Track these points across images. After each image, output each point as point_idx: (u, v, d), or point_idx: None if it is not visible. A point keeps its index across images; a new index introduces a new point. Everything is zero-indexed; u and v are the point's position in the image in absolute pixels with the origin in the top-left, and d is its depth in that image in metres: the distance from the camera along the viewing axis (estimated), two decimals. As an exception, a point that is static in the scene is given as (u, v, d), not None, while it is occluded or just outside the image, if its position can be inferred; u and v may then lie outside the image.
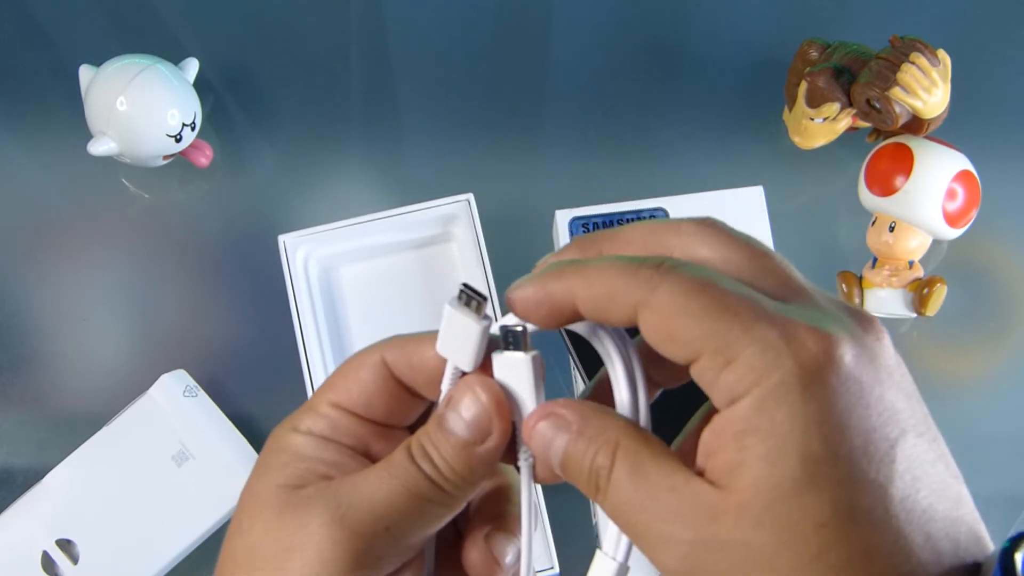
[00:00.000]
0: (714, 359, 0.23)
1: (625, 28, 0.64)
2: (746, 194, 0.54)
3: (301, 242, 0.54)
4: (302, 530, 0.26)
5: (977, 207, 0.55)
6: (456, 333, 0.27)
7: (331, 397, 0.29)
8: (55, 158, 0.62)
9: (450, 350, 0.28)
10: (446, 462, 0.27)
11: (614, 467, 0.24)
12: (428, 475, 0.27)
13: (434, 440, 0.27)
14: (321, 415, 0.29)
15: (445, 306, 0.27)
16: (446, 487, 0.27)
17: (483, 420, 0.27)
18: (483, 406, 0.27)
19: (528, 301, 0.26)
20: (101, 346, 0.59)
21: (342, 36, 0.65)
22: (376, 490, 0.27)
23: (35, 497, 0.52)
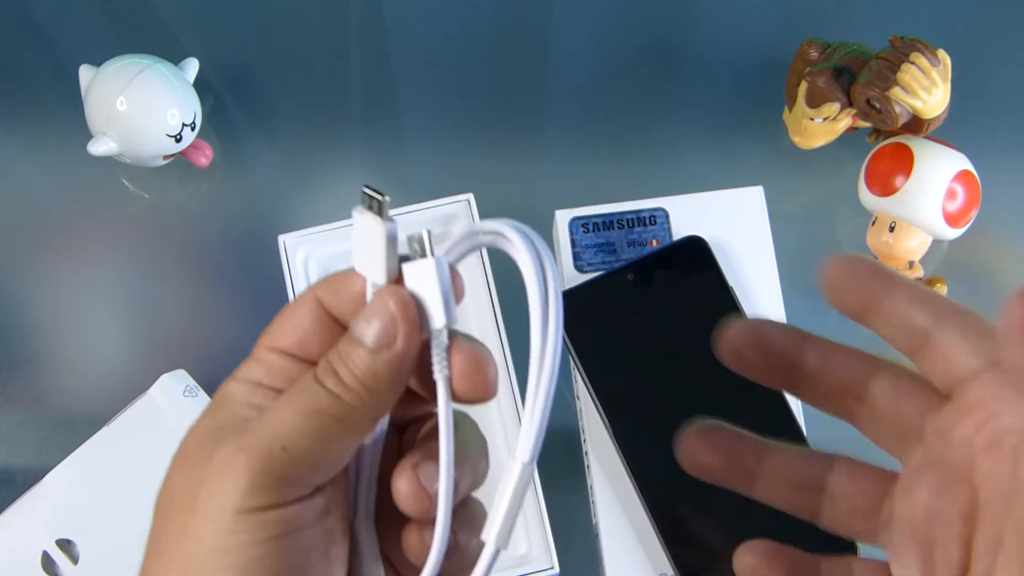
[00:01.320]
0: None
1: (625, 28, 0.64)
2: (746, 194, 0.54)
3: (301, 242, 0.54)
4: (207, 466, 0.26)
5: (977, 207, 0.55)
6: (365, 242, 0.27)
7: (268, 341, 0.29)
8: (55, 158, 0.62)
9: (364, 264, 0.27)
10: (349, 371, 0.27)
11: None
12: (329, 389, 0.27)
13: (340, 353, 0.27)
14: (258, 361, 0.29)
15: (352, 213, 0.27)
16: (346, 397, 0.27)
17: (388, 324, 0.27)
18: (388, 310, 0.27)
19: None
20: (101, 346, 0.59)
21: (342, 36, 0.65)
22: (275, 413, 0.27)
23: (35, 497, 0.52)
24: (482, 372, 0.27)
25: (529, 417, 0.27)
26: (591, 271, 0.53)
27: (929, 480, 0.26)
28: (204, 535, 0.26)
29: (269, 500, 0.26)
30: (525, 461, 0.27)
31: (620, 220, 0.54)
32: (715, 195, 0.54)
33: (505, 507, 0.27)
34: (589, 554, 0.52)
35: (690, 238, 0.53)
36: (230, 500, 0.25)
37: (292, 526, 0.26)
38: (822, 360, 0.28)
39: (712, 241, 0.53)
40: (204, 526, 0.26)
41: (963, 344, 0.26)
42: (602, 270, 0.53)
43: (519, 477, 0.27)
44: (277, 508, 0.26)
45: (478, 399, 0.27)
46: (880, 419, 0.27)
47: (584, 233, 0.54)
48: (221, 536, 0.25)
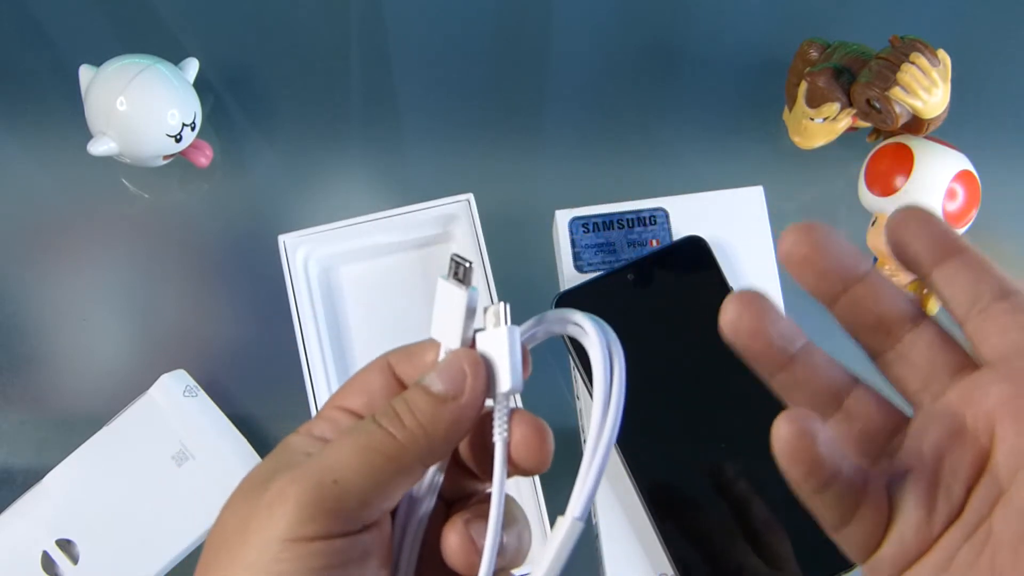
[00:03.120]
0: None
1: (625, 28, 0.64)
2: (746, 194, 0.54)
3: (301, 242, 0.54)
4: (260, 500, 0.27)
5: (977, 207, 0.55)
6: (446, 309, 0.28)
7: (336, 401, 0.30)
8: (55, 158, 0.62)
9: (441, 330, 0.28)
10: (410, 413, 0.27)
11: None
12: (385, 427, 0.27)
13: (405, 397, 0.28)
14: (328, 419, 0.29)
15: (438, 280, 0.28)
16: (400, 436, 0.27)
17: (457, 376, 0.28)
18: (459, 365, 0.28)
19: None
20: (101, 346, 0.59)
21: (342, 36, 0.65)
22: (329, 449, 0.27)
23: (35, 497, 0.52)
24: (542, 441, 0.29)
25: (583, 478, 0.28)
26: (591, 271, 0.53)
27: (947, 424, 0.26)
28: (251, 561, 0.26)
29: (316, 531, 0.26)
30: (576, 516, 0.28)
31: (620, 220, 0.54)
32: (715, 195, 0.54)
33: (551, 558, 0.28)
34: (589, 554, 0.52)
35: (690, 238, 0.53)
36: (279, 529, 0.26)
37: (337, 560, 0.26)
38: (873, 292, 0.28)
39: (712, 241, 0.53)
40: (251, 553, 0.26)
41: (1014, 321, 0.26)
42: (602, 270, 0.53)
43: (567, 532, 0.28)
44: (324, 540, 0.26)
45: (533, 469, 0.29)
46: (910, 363, 0.28)
47: (584, 233, 0.54)
48: (267, 563, 0.26)
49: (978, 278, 0.27)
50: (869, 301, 0.28)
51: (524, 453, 0.29)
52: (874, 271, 0.28)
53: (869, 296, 0.28)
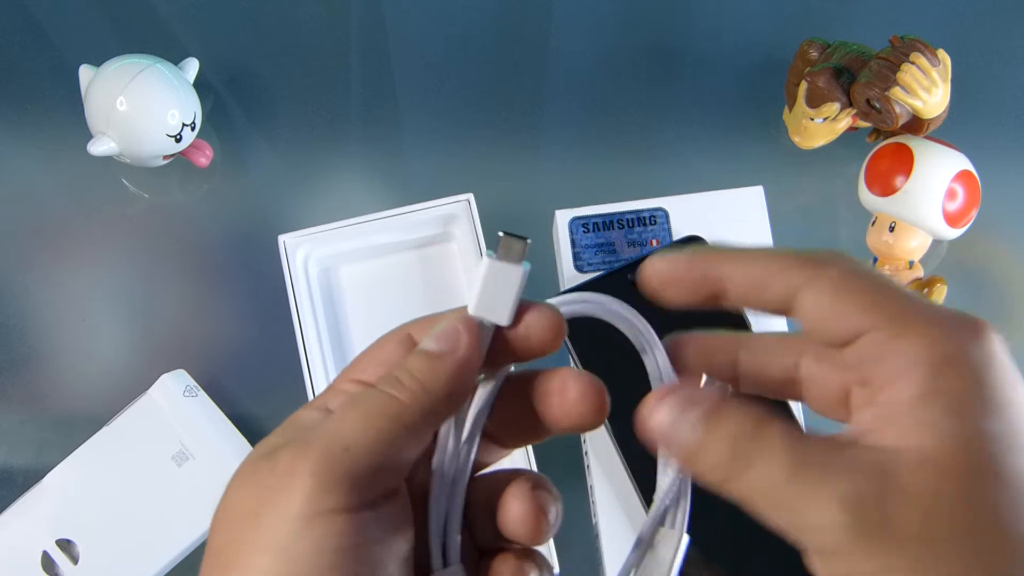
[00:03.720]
0: (886, 330, 0.24)
1: (625, 28, 0.64)
2: (746, 194, 0.54)
3: (301, 242, 0.54)
4: (272, 474, 0.26)
5: (977, 207, 0.55)
6: (495, 287, 0.27)
7: (351, 373, 0.29)
8: (55, 158, 0.62)
9: (487, 307, 0.28)
10: (407, 372, 0.27)
11: (766, 434, 0.24)
12: (386, 390, 0.27)
13: (404, 362, 0.28)
14: (340, 391, 0.28)
15: (483, 260, 0.27)
16: (401, 396, 0.27)
17: (450, 334, 0.27)
18: (452, 323, 0.28)
19: (670, 273, 0.27)
20: (101, 346, 0.59)
21: (342, 36, 0.65)
22: (333, 419, 0.27)
23: (35, 497, 0.52)
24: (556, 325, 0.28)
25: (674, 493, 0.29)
26: (591, 271, 0.53)
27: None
28: (268, 543, 0.25)
29: (335, 503, 0.25)
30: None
31: (620, 220, 0.54)
32: (715, 195, 0.54)
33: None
34: (589, 554, 0.52)
35: (690, 238, 0.53)
36: (295, 505, 0.25)
37: (360, 537, 0.25)
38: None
39: (712, 241, 0.53)
40: (268, 535, 0.25)
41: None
42: (602, 270, 0.53)
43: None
44: (344, 513, 0.25)
45: (588, 425, 0.28)
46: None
47: (584, 233, 0.54)
48: (286, 543, 0.25)
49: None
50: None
51: (580, 407, 0.28)
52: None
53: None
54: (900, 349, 0.24)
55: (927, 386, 0.23)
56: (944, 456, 0.23)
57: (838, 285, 0.25)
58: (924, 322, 0.24)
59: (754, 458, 0.24)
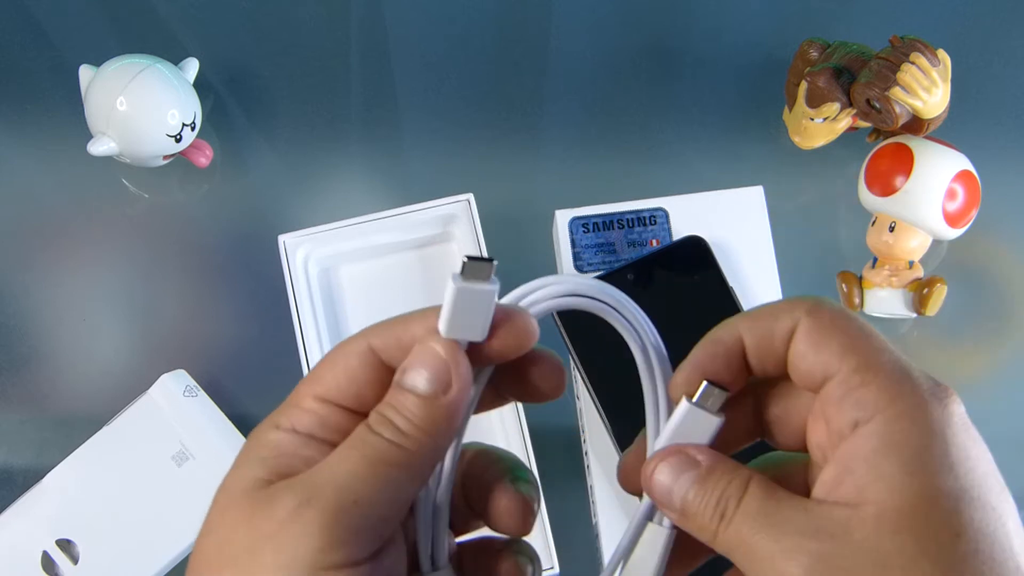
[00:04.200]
0: (851, 377, 0.25)
1: (625, 28, 0.64)
2: (746, 194, 0.54)
3: (301, 242, 0.54)
4: (271, 520, 0.25)
5: (977, 207, 0.55)
6: (467, 307, 0.27)
7: (317, 391, 0.28)
8: (55, 158, 0.62)
9: (460, 328, 0.27)
10: (407, 420, 0.27)
11: (746, 494, 0.26)
12: (388, 439, 0.26)
13: (393, 402, 0.27)
14: (305, 410, 0.28)
15: (449, 284, 0.26)
16: (407, 445, 0.26)
17: (439, 370, 0.27)
18: (435, 355, 0.27)
19: (701, 363, 0.28)
20: (101, 346, 0.59)
21: (342, 36, 0.65)
22: (337, 466, 0.26)
23: (35, 497, 0.52)
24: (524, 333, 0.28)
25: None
26: (591, 271, 0.53)
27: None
28: None
29: (346, 556, 0.25)
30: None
31: (620, 220, 0.54)
32: (715, 195, 0.54)
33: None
34: (589, 554, 0.52)
35: (690, 238, 0.53)
36: (304, 557, 0.25)
37: None
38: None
39: (712, 241, 0.53)
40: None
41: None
42: (602, 270, 0.53)
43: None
44: (353, 567, 0.25)
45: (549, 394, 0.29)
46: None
47: (584, 233, 0.54)
48: None
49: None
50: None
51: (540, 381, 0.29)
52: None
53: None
54: (861, 398, 0.25)
55: (885, 439, 0.24)
56: (899, 513, 0.24)
57: (822, 327, 0.26)
58: (889, 375, 0.25)
59: (732, 516, 0.26)
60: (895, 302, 0.55)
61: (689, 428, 0.28)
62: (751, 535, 0.25)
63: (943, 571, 0.23)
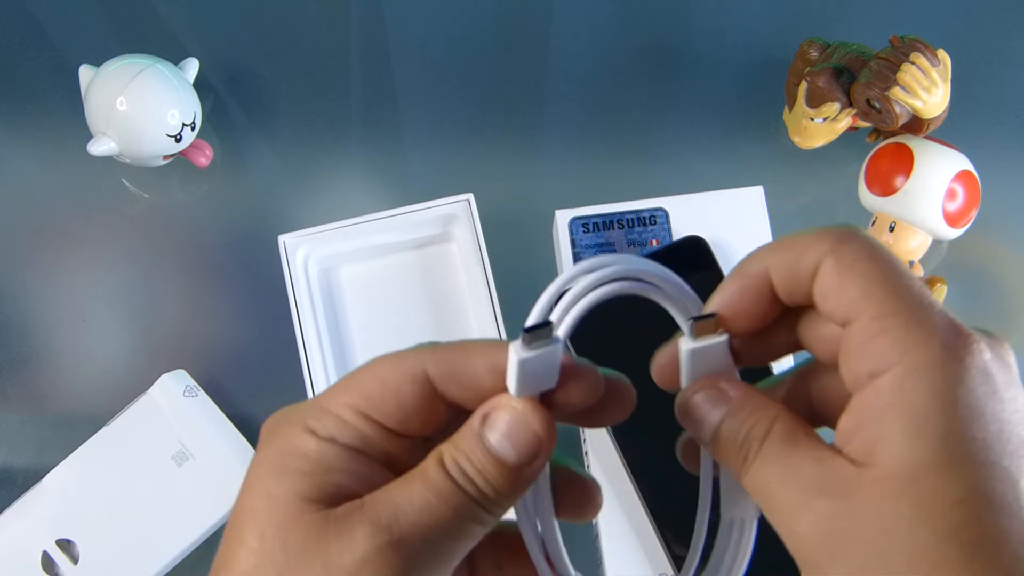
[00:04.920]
0: (870, 324, 0.24)
1: (625, 28, 0.64)
2: (746, 194, 0.54)
3: (301, 242, 0.54)
4: (349, 553, 0.24)
5: (977, 207, 0.55)
6: (536, 369, 0.26)
7: (359, 404, 0.26)
8: (55, 158, 0.62)
9: (529, 387, 0.26)
10: (490, 484, 0.26)
11: (768, 437, 0.26)
12: (471, 495, 0.26)
13: (474, 461, 0.26)
14: (346, 422, 0.26)
15: (512, 355, 0.26)
16: (488, 506, 0.26)
17: (529, 442, 0.26)
18: (528, 426, 0.26)
19: (731, 297, 0.27)
20: (101, 346, 0.59)
21: (342, 36, 0.65)
22: (422, 511, 0.25)
23: (35, 497, 0.52)
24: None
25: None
26: (591, 271, 0.53)
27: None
28: None
29: None
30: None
31: (620, 220, 0.54)
32: (715, 195, 0.54)
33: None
34: (589, 554, 0.52)
35: (690, 238, 0.53)
36: None
37: None
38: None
39: (712, 241, 0.53)
40: None
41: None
42: (602, 270, 0.53)
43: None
44: None
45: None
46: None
47: (584, 233, 0.54)
48: None
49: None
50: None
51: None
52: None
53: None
54: (878, 348, 0.24)
55: (893, 398, 0.24)
56: (901, 479, 0.23)
57: (848, 264, 0.25)
58: (906, 324, 0.24)
59: (753, 460, 0.26)
60: (895, 302, 0.55)
61: (702, 363, 0.28)
62: (767, 482, 0.25)
63: (940, 539, 0.23)
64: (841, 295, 0.25)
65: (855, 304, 0.25)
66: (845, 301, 0.25)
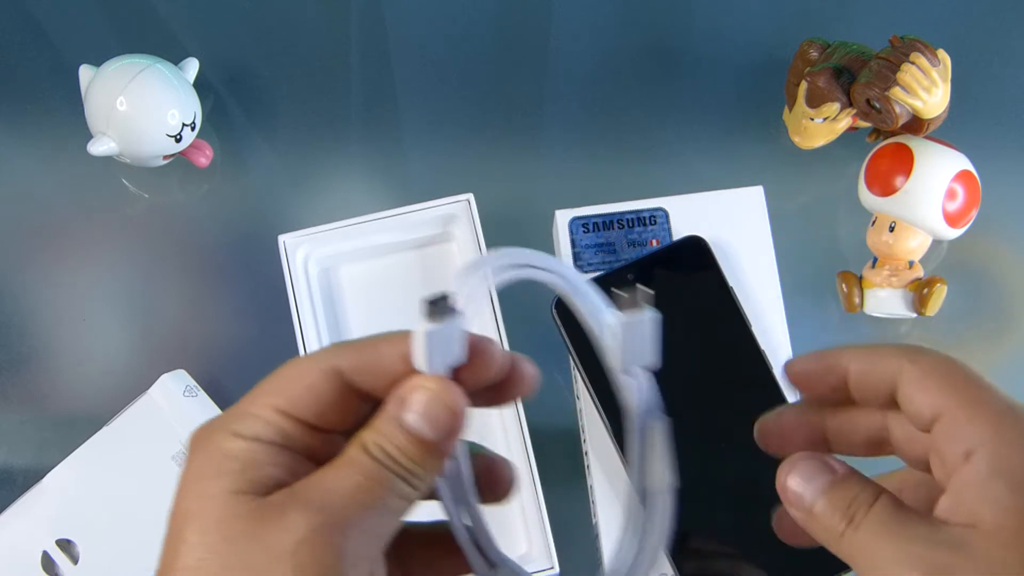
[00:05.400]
0: (958, 414, 0.28)
1: (625, 28, 0.64)
2: (746, 194, 0.54)
3: (301, 242, 0.54)
4: (288, 535, 0.25)
5: (977, 207, 0.55)
6: (438, 343, 0.27)
7: (277, 402, 0.28)
8: (55, 158, 0.62)
9: (436, 362, 0.28)
10: (412, 461, 0.27)
11: (876, 503, 0.28)
12: (395, 472, 0.27)
13: (395, 441, 0.27)
14: (267, 422, 0.28)
15: (418, 329, 0.27)
16: (412, 482, 0.27)
17: (448, 420, 0.27)
18: (449, 409, 0.28)
19: (809, 371, 0.32)
20: (101, 346, 0.59)
21: (342, 36, 0.65)
22: (351, 491, 0.26)
23: (35, 497, 0.52)
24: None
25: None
26: (591, 271, 0.53)
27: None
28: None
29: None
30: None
31: (620, 220, 0.54)
32: (715, 195, 0.54)
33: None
34: (589, 554, 0.52)
35: (690, 238, 0.53)
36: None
37: None
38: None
39: (712, 241, 0.53)
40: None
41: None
42: (602, 270, 0.53)
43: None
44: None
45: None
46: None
47: (584, 233, 0.54)
48: None
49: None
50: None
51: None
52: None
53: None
54: (970, 432, 0.27)
55: (992, 466, 0.27)
56: (1007, 529, 0.26)
57: (926, 372, 0.29)
58: (994, 409, 0.28)
59: (861, 522, 0.28)
60: (895, 302, 0.55)
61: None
62: (876, 541, 0.27)
63: None
64: (926, 396, 0.28)
65: (940, 400, 0.28)
66: (930, 400, 0.28)
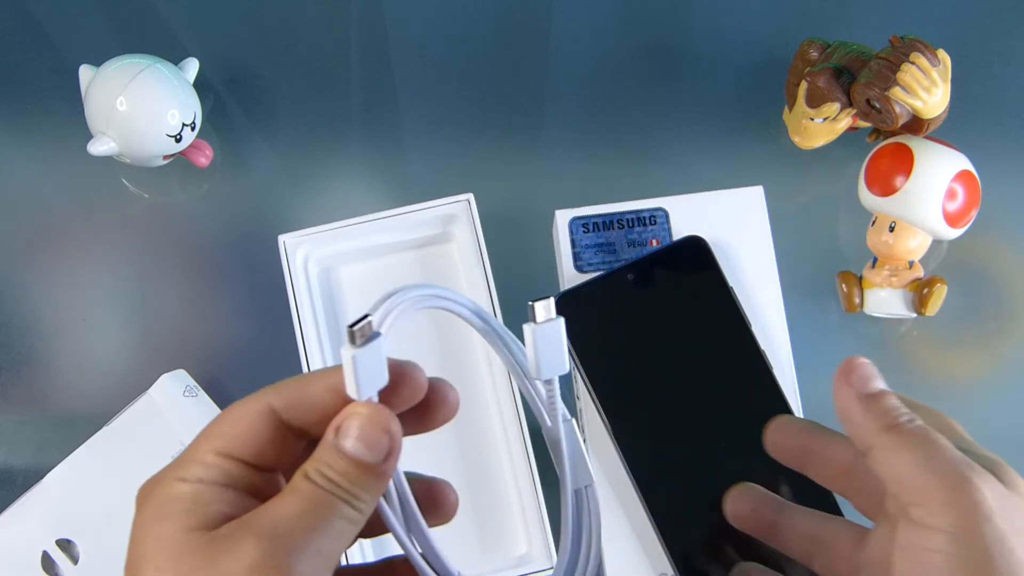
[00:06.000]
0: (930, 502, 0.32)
1: (625, 28, 0.64)
2: (746, 194, 0.54)
3: (301, 242, 0.54)
4: (238, 563, 0.26)
5: (977, 207, 0.55)
6: (367, 367, 0.28)
7: (217, 445, 0.29)
8: (55, 158, 0.62)
9: (367, 387, 0.29)
10: (355, 484, 0.28)
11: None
12: (339, 496, 0.28)
13: (336, 468, 0.28)
14: (209, 465, 0.29)
15: (345, 355, 0.28)
16: (356, 505, 0.28)
17: (379, 441, 0.29)
18: (375, 427, 0.29)
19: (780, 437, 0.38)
20: (101, 346, 0.59)
21: (342, 36, 0.65)
22: (298, 517, 0.27)
23: (35, 497, 0.52)
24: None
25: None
26: (591, 271, 0.53)
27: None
28: None
29: None
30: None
31: (620, 220, 0.54)
32: (715, 195, 0.54)
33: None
34: (589, 554, 0.52)
35: (690, 238, 0.53)
36: None
37: None
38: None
39: (712, 241, 0.53)
40: None
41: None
42: (602, 270, 0.53)
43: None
44: None
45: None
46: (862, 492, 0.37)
47: (584, 233, 0.54)
48: None
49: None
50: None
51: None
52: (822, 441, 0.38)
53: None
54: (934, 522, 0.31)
55: (953, 551, 0.31)
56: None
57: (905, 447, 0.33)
58: (964, 497, 0.31)
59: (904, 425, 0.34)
60: (895, 302, 0.55)
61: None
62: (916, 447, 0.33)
63: None
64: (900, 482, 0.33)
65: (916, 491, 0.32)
66: (902, 486, 0.33)
